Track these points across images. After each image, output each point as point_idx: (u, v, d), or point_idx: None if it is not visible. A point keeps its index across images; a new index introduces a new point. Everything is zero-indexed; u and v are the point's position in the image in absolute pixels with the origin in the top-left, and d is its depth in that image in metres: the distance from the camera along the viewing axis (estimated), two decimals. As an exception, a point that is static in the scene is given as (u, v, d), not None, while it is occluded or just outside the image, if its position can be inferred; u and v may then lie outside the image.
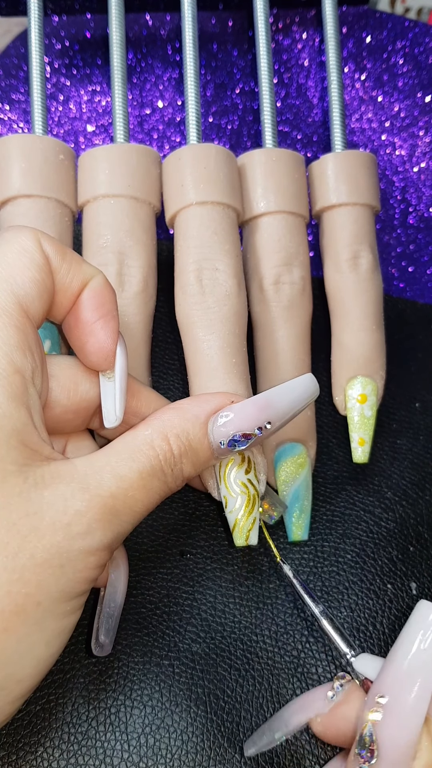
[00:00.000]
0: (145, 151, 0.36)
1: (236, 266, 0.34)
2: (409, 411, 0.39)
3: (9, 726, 0.30)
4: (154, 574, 0.34)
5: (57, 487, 0.24)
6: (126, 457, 0.26)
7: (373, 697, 0.25)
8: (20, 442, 0.24)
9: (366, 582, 0.34)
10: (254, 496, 0.30)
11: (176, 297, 0.34)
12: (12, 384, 0.24)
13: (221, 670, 0.32)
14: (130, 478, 0.25)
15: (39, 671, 0.24)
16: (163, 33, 0.48)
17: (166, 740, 0.30)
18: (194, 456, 0.27)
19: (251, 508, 0.29)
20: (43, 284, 0.26)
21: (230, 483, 0.29)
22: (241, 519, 0.29)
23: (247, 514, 0.29)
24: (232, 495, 0.29)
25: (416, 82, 0.48)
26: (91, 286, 0.28)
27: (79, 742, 0.30)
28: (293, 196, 0.37)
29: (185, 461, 0.27)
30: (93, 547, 0.24)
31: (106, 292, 0.28)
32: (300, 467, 0.34)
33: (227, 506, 0.30)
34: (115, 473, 0.25)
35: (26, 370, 0.25)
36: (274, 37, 0.48)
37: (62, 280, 0.27)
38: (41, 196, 0.35)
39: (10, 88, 0.46)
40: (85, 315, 0.27)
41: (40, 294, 0.26)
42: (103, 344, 0.28)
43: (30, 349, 0.25)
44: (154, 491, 0.26)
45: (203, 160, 0.35)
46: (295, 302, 0.36)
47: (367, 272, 0.37)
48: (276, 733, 0.28)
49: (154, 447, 0.26)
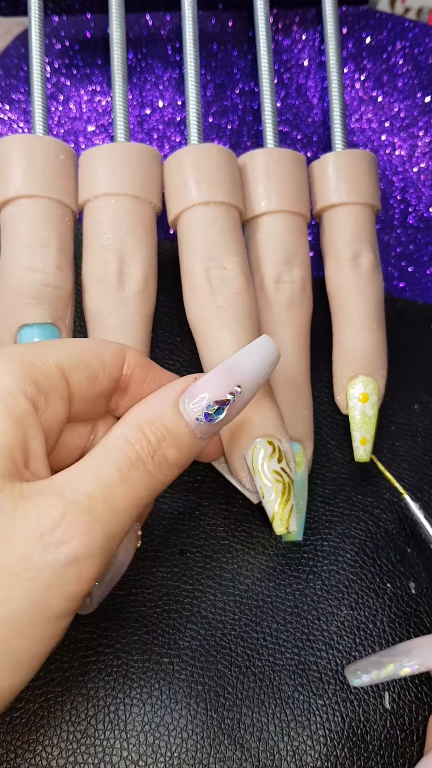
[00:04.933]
0: (146, 150, 0.36)
1: (243, 264, 0.34)
2: (408, 412, 0.39)
3: (8, 724, 0.30)
4: (154, 572, 0.34)
5: (33, 498, 0.23)
6: (102, 458, 0.25)
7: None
8: (8, 456, 0.23)
9: (366, 581, 0.34)
10: (289, 483, 0.30)
11: (186, 298, 0.34)
12: (17, 404, 0.24)
13: (221, 668, 0.32)
14: (109, 473, 0.24)
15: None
16: (163, 33, 0.48)
17: (166, 738, 0.30)
18: (174, 439, 0.26)
19: (287, 495, 0.30)
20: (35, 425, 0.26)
21: (264, 473, 0.30)
22: (278, 508, 0.30)
23: (285, 502, 0.30)
24: (267, 485, 0.30)
25: (416, 82, 0.48)
26: (129, 362, 0.28)
27: (78, 741, 0.30)
28: (294, 195, 0.37)
29: (165, 446, 0.26)
30: (71, 557, 0.22)
31: (143, 361, 0.28)
32: (296, 466, 0.34)
33: (264, 496, 0.30)
34: (93, 475, 0.24)
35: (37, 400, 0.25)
36: (274, 37, 0.48)
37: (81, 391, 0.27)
38: (42, 197, 0.35)
39: (10, 88, 0.46)
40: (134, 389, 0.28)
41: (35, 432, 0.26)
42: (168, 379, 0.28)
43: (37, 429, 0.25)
44: (135, 484, 0.25)
45: (205, 161, 0.35)
46: (295, 301, 0.36)
47: (367, 271, 0.37)
48: (403, 669, 0.26)
49: (128, 440, 0.25)
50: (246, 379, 0.27)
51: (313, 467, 0.37)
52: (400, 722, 0.32)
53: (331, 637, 0.33)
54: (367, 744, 0.31)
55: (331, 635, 0.33)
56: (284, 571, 0.34)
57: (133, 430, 0.26)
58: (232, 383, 0.27)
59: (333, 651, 0.33)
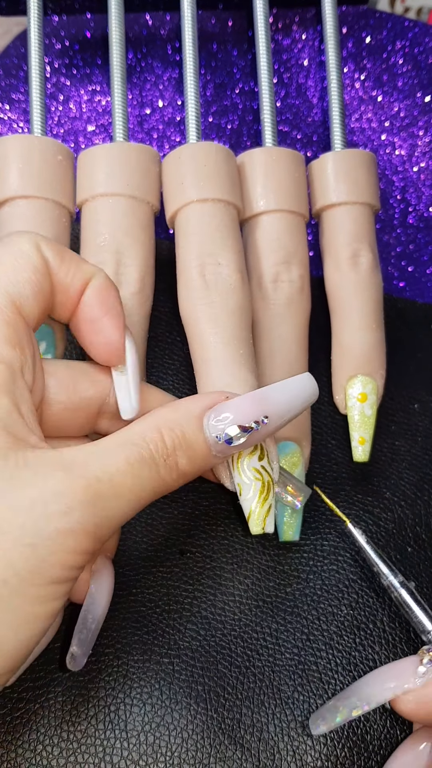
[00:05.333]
0: (144, 150, 0.36)
1: (239, 261, 0.34)
2: (408, 412, 0.39)
3: (8, 724, 0.30)
4: (154, 572, 0.34)
5: (38, 469, 0.24)
6: (115, 446, 0.25)
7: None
8: (2, 427, 0.24)
9: (365, 581, 0.34)
10: (269, 482, 0.29)
11: (179, 293, 0.34)
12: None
13: (221, 668, 0.32)
14: (117, 463, 0.25)
15: (7, 658, 0.24)
16: (163, 33, 0.48)
17: (166, 738, 0.30)
18: (189, 450, 0.27)
19: (266, 494, 0.29)
20: (38, 285, 0.27)
21: (243, 470, 0.29)
22: (255, 506, 0.29)
23: (262, 501, 0.29)
24: (246, 482, 0.29)
25: (416, 82, 0.48)
26: (92, 285, 0.28)
27: (79, 741, 0.30)
28: (293, 194, 0.37)
29: (180, 454, 0.26)
30: (70, 527, 0.23)
31: (109, 289, 0.28)
32: (293, 466, 0.34)
33: (241, 494, 0.29)
34: (102, 459, 0.25)
35: (14, 362, 0.25)
36: (273, 37, 0.48)
37: (62, 281, 0.28)
38: (39, 197, 0.35)
39: (10, 87, 0.46)
40: (90, 313, 0.28)
41: (34, 294, 0.27)
42: (110, 339, 0.28)
43: (20, 343, 0.26)
44: (144, 479, 0.25)
45: (203, 158, 0.35)
46: (293, 301, 0.36)
47: (367, 271, 0.37)
48: (354, 710, 0.27)
49: (144, 438, 0.26)
50: (275, 411, 0.27)
51: (312, 467, 0.37)
52: (400, 722, 0.32)
53: (331, 637, 0.33)
54: (367, 744, 0.31)
55: (331, 635, 0.33)
56: (284, 571, 0.34)
57: (152, 429, 0.26)
58: (260, 412, 0.27)
59: (333, 651, 0.33)
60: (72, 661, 0.29)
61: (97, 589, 0.30)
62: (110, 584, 0.30)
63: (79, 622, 0.29)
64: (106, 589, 0.30)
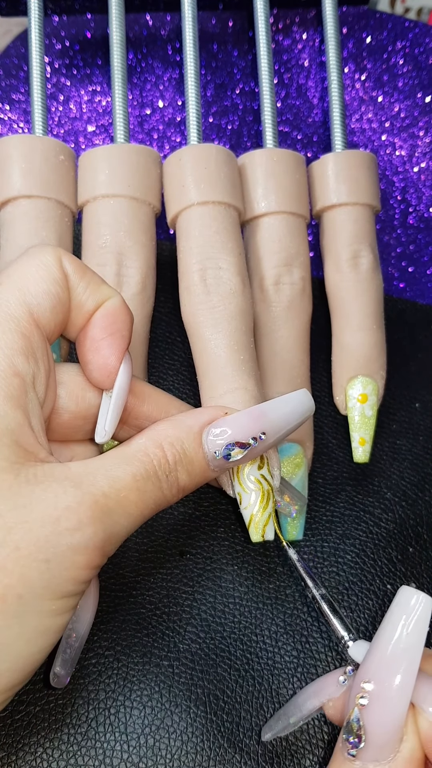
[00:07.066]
0: (145, 152, 0.36)
1: (240, 264, 0.34)
2: (409, 412, 0.39)
3: (9, 727, 0.30)
4: (154, 574, 0.34)
5: (49, 485, 0.24)
6: (120, 461, 0.26)
7: (359, 683, 0.25)
8: (14, 441, 0.24)
9: (366, 582, 0.34)
10: (268, 491, 0.30)
11: (181, 297, 0.34)
12: (10, 386, 0.25)
13: (221, 671, 0.32)
14: (124, 479, 0.25)
15: (18, 669, 0.24)
16: (163, 33, 0.48)
17: (166, 741, 0.30)
18: (189, 465, 0.27)
19: (266, 503, 0.29)
20: (57, 298, 0.27)
21: (244, 479, 0.29)
22: (256, 515, 0.29)
23: (263, 509, 0.29)
24: (246, 491, 0.29)
25: (416, 82, 0.48)
26: (105, 305, 0.28)
27: (79, 743, 0.30)
28: (294, 196, 0.37)
29: (180, 469, 0.27)
30: (82, 544, 0.24)
31: (119, 313, 0.28)
32: (296, 467, 0.34)
33: (242, 502, 0.30)
34: (109, 475, 0.25)
35: (27, 374, 0.25)
36: (274, 38, 0.48)
37: (78, 298, 0.28)
38: (41, 197, 0.35)
39: (11, 88, 0.46)
40: (93, 332, 0.28)
41: (53, 306, 0.27)
42: (106, 361, 0.28)
43: (34, 355, 0.26)
44: (148, 495, 0.26)
45: (204, 161, 0.35)
46: (295, 302, 0.36)
47: (367, 272, 0.37)
48: (291, 718, 0.29)
49: (148, 453, 0.26)
50: (272, 427, 0.28)
51: (313, 467, 0.37)
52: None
53: (330, 640, 0.33)
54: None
55: (331, 638, 0.33)
56: (284, 573, 0.34)
57: (154, 445, 0.27)
58: (258, 429, 0.27)
59: (332, 654, 0.33)
60: (55, 679, 0.29)
61: (81, 606, 0.29)
62: (95, 601, 0.30)
63: (63, 641, 0.29)
64: (91, 606, 0.30)
